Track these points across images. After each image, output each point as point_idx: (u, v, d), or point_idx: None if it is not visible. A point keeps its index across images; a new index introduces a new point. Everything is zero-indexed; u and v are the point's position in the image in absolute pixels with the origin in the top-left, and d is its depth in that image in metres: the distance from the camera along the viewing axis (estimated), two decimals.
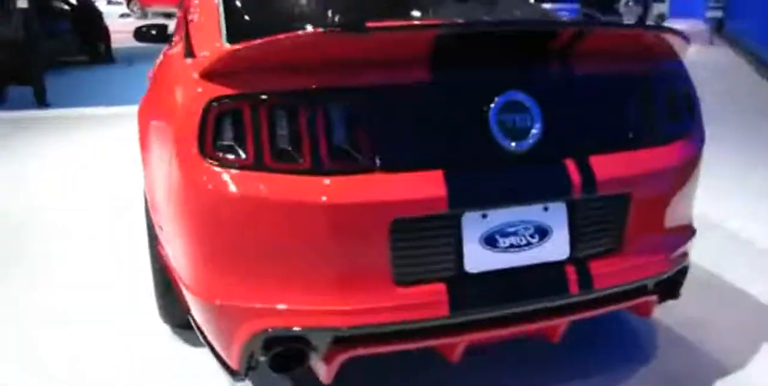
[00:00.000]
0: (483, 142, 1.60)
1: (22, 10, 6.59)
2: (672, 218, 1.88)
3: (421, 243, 1.58)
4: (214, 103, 1.52)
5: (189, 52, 1.88)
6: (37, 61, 6.94)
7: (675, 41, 1.84)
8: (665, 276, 1.87)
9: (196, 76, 1.58)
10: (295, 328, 1.56)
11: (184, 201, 1.60)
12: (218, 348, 1.69)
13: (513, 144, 1.62)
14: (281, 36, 1.45)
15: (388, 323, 1.58)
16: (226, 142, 1.53)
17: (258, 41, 1.47)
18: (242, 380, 1.73)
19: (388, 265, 1.56)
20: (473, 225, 1.62)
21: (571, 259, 1.72)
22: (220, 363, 1.73)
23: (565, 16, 10.83)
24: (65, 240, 3.27)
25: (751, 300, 2.58)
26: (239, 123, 1.52)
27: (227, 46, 1.80)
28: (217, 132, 1.53)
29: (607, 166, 1.70)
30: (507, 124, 1.62)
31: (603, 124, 1.75)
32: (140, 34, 3.04)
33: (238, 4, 2.13)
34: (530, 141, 1.64)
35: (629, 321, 2.36)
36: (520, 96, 1.63)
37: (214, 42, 1.87)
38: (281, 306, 1.56)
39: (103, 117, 6.42)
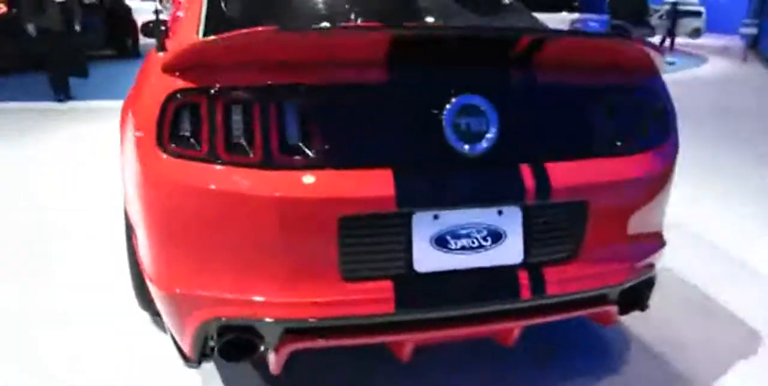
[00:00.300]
0: (436, 143, 1.62)
1: (61, 2, 6.74)
2: (635, 229, 1.87)
3: (369, 240, 1.61)
4: (173, 96, 1.57)
5: (161, 47, 1.94)
6: (76, 53, 7.11)
7: (646, 53, 1.84)
8: (625, 286, 1.86)
9: (159, 70, 1.63)
10: (244, 318, 1.60)
11: (144, 191, 1.65)
12: (175, 336, 1.74)
13: (466, 147, 1.64)
14: (237, 32, 1.49)
15: (334, 317, 1.61)
16: (182, 134, 1.58)
17: (214, 37, 1.52)
18: (196, 367, 1.77)
19: (336, 261, 1.59)
20: (424, 226, 1.63)
21: (524, 264, 1.73)
22: (178, 351, 1.78)
23: (593, 27, 10.74)
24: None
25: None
26: (196, 116, 1.57)
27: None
28: (174, 124, 1.58)
29: (562, 173, 1.70)
30: (461, 126, 1.63)
31: (561, 132, 1.76)
32: (146, 29, 3.11)
33: (222, 1, 2.18)
34: (484, 145, 1.65)
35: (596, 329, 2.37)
36: (476, 100, 1.65)
37: (189, 37, 1.92)
38: (231, 296, 1.60)
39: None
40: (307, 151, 1.57)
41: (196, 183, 1.56)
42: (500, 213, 1.69)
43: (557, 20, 11.74)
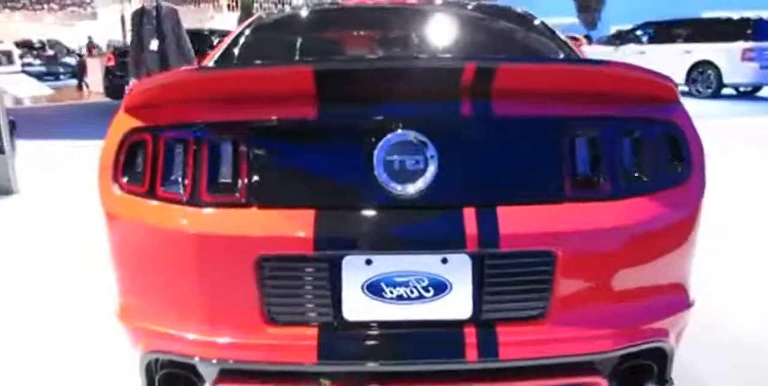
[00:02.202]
0: (365, 183, 1.51)
1: (154, 51, 7.31)
2: (633, 287, 1.57)
3: (293, 283, 1.53)
4: (127, 135, 1.65)
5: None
6: None
7: (645, 80, 1.57)
8: (614, 355, 1.55)
9: (122, 109, 1.73)
10: (176, 355, 1.60)
11: (104, 224, 1.75)
12: None
13: (399, 187, 1.50)
14: (164, 74, 1.55)
15: (257, 362, 1.54)
16: (131, 171, 1.65)
17: (150, 78, 1.58)
18: None
19: (258, 303, 1.53)
20: (355, 270, 1.52)
21: (473, 321, 1.52)
22: None
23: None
24: None
25: None
26: (142, 154, 1.63)
27: None
28: (126, 161, 1.65)
29: (518, 218, 1.49)
30: (394, 165, 1.50)
31: (523, 171, 1.54)
32: None
33: (241, 45, 2.28)
34: (420, 185, 1.50)
35: None
36: (412, 136, 1.51)
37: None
38: (165, 332, 1.61)
39: None
40: (234, 188, 1.55)
41: (137, 219, 1.61)
42: (444, 261, 1.51)
43: (730, 50, 10.62)
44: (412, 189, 1.50)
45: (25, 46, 23.49)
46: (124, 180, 1.65)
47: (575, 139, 1.56)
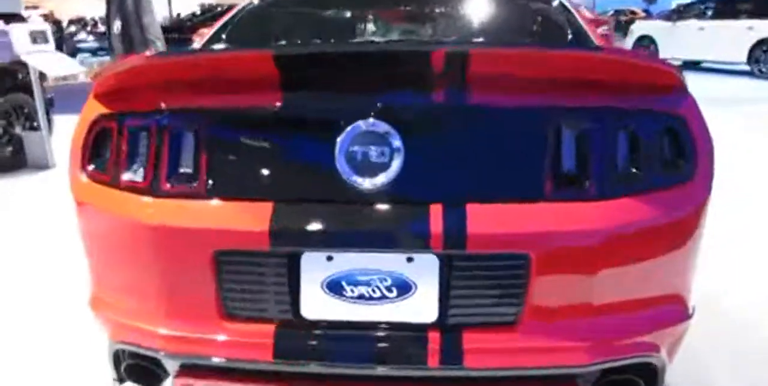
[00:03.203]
0: (327, 175, 1.41)
1: (117, 34, 7.09)
2: (614, 296, 1.44)
3: (251, 278, 1.46)
4: (94, 121, 1.60)
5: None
6: None
7: (641, 71, 1.41)
8: (596, 368, 1.43)
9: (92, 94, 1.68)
10: (137, 346, 1.56)
11: (74, 210, 1.71)
12: None
13: (361, 180, 1.40)
14: (128, 59, 1.47)
15: (213, 358, 1.49)
16: (97, 159, 1.60)
17: (114, 64, 1.51)
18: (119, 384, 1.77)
19: (216, 298, 1.47)
20: (315, 267, 1.43)
21: (438, 325, 1.42)
22: None
23: None
24: None
25: None
26: (107, 141, 1.58)
27: None
28: (93, 148, 1.60)
29: (490, 218, 1.37)
30: (357, 157, 1.40)
31: (498, 166, 1.41)
32: None
33: (230, 28, 2.19)
34: (384, 179, 1.39)
35: None
36: (378, 126, 1.40)
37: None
38: (127, 323, 1.57)
39: None
40: (193, 179, 1.48)
41: (101, 208, 1.57)
42: (410, 260, 1.41)
43: None
44: (376, 183, 1.40)
45: (79, 22, 24.02)
46: (91, 167, 1.60)
47: (559, 132, 1.42)
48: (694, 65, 13.28)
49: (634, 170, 1.44)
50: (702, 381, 2.18)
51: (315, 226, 1.40)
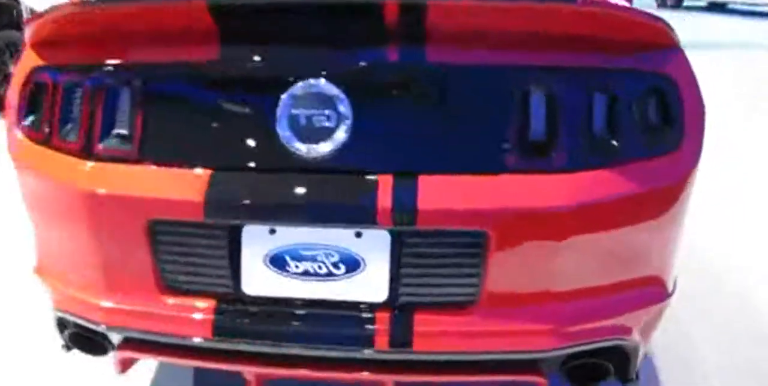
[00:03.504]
0: (268, 142, 1.27)
1: None
2: (581, 277, 1.31)
3: (189, 250, 1.35)
4: (30, 74, 1.46)
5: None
6: None
7: (622, 24, 1.23)
8: (561, 354, 1.33)
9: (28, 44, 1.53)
10: (76, 315, 1.48)
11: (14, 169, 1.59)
12: None
13: (304, 147, 1.26)
14: (63, 5, 1.31)
15: (152, 332, 1.40)
16: (32, 115, 1.47)
17: (49, 10, 1.35)
18: (67, 351, 1.70)
19: (153, 270, 1.37)
20: (257, 240, 1.32)
21: (387, 305, 1.32)
22: None
23: None
24: None
25: None
26: (42, 96, 1.44)
27: None
28: (28, 104, 1.47)
29: (444, 191, 1.23)
30: (300, 121, 1.26)
31: (452, 135, 1.26)
32: None
33: None
34: (329, 146, 1.25)
35: None
36: (323, 87, 1.25)
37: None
38: (67, 291, 1.49)
39: None
40: (128, 141, 1.35)
41: (36, 168, 1.45)
42: (359, 235, 1.29)
43: None
44: (320, 150, 1.26)
45: None
46: (26, 124, 1.47)
47: (526, 95, 1.26)
48: (720, 7, 12.66)
49: (610, 138, 1.28)
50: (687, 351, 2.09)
51: (254, 197, 1.27)
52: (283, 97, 1.26)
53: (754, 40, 8.86)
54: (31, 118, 1.47)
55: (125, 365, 1.57)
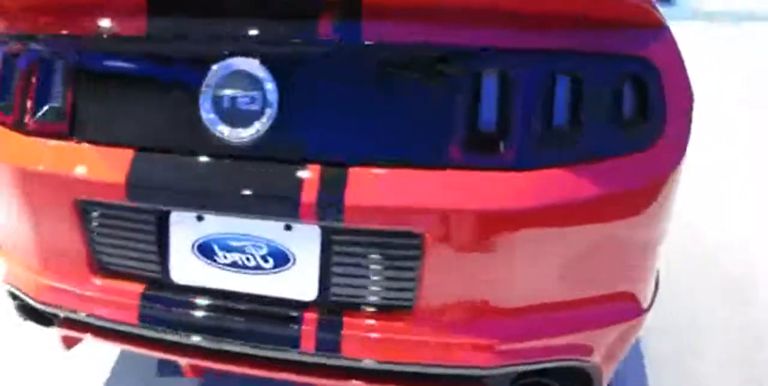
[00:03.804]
0: (191, 124, 1.17)
1: None
2: (534, 288, 1.17)
3: (120, 233, 1.28)
4: None
5: None
6: None
7: (596, 1, 1.05)
8: (490, 372, 1.19)
9: None
10: (16, 290, 1.46)
11: None
12: None
13: (227, 131, 1.15)
14: None
15: (81, 313, 1.35)
16: None
17: None
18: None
19: (85, 250, 1.31)
20: (185, 227, 1.24)
21: (317, 305, 1.21)
22: None
23: None
24: None
25: None
26: None
27: None
28: None
29: (375, 186, 1.10)
30: (224, 103, 1.15)
31: (390, 123, 1.12)
32: None
33: None
34: (255, 131, 1.14)
35: None
36: (250, 66, 1.13)
37: None
38: (12, 266, 1.47)
39: None
40: (59, 116, 1.28)
41: None
42: (288, 228, 1.19)
43: None
44: (245, 135, 1.15)
45: None
46: None
47: (478, 80, 1.10)
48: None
49: (573, 132, 1.11)
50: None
51: (176, 181, 1.18)
52: (208, 76, 1.15)
53: None
54: None
55: (69, 342, 1.55)
